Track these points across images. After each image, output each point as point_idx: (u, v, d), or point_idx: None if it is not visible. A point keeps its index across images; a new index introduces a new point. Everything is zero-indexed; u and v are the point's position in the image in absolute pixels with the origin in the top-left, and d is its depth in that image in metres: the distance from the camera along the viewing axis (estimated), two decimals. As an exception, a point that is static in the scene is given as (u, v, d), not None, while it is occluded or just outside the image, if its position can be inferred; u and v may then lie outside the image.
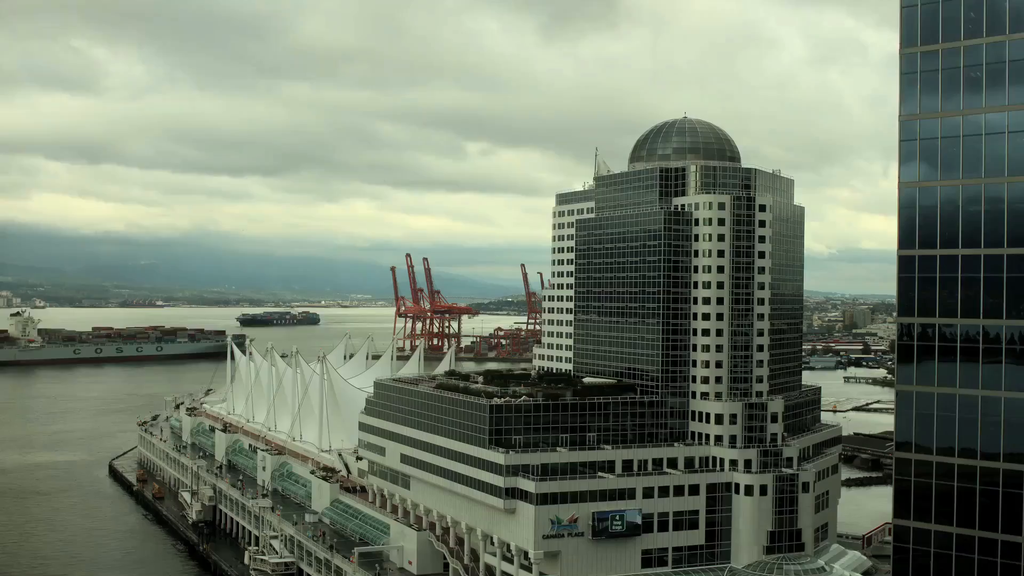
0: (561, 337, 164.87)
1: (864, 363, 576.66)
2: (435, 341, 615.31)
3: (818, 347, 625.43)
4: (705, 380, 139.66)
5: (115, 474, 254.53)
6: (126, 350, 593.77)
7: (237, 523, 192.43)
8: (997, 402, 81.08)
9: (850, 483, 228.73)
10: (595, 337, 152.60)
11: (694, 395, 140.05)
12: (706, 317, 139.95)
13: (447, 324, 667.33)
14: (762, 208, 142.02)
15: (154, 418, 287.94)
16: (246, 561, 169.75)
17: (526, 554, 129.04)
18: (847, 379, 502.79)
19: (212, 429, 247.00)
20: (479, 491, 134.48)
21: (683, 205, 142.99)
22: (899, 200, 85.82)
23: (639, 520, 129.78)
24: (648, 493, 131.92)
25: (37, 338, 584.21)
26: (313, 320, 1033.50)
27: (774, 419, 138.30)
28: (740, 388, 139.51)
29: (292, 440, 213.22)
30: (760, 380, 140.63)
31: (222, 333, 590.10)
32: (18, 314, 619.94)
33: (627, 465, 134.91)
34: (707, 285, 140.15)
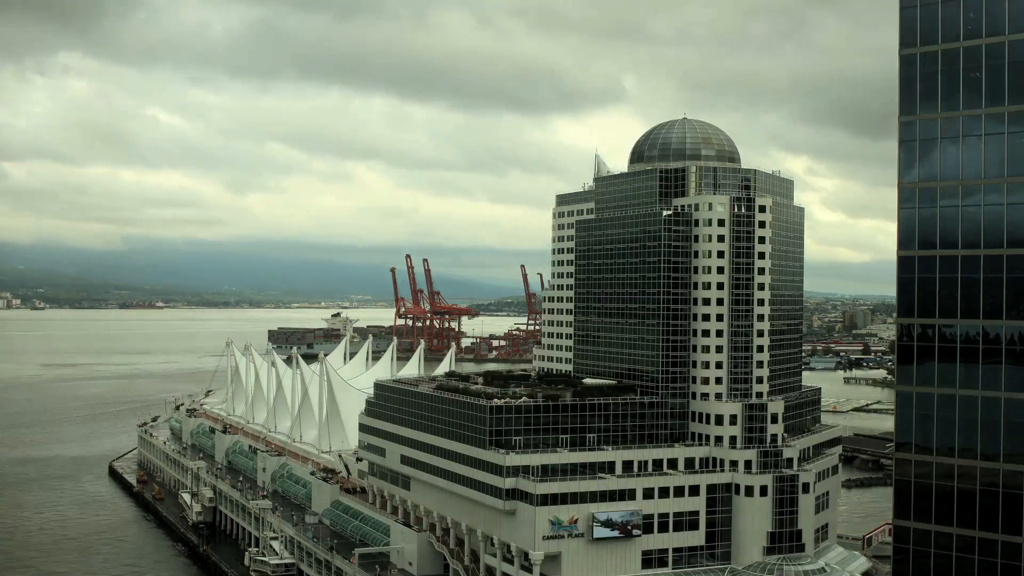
0: (561, 338, 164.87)
1: (864, 364, 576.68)
2: (435, 342, 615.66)
3: (818, 348, 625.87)
4: (705, 381, 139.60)
5: (115, 475, 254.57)
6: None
7: (237, 524, 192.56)
8: (997, 402, 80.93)
9: (850, 484, 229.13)
10: (595, 338, 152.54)
11: (694, 396, 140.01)
12: (706, 318, 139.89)
13: (447, 325, 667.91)
14: (762, 209, 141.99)
15: (154, 419, 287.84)
16: (246, 562, 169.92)
17: (527, 555, 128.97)
18: (847, 380, 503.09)
19: (212, 430, 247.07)
20: (479, 492, 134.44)
21: (683, 206, 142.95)
22: (899, 200, 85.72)
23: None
24: (648, 494, 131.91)
25: (356, 335, 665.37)
26: None
27: (774, 420, 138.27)
28: (740, 389, 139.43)
29: (292, 441, 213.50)
30: (760, 381, 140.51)
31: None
32: (338, 315, 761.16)
33: (627, 466, 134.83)
34: (707, 286, 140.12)
